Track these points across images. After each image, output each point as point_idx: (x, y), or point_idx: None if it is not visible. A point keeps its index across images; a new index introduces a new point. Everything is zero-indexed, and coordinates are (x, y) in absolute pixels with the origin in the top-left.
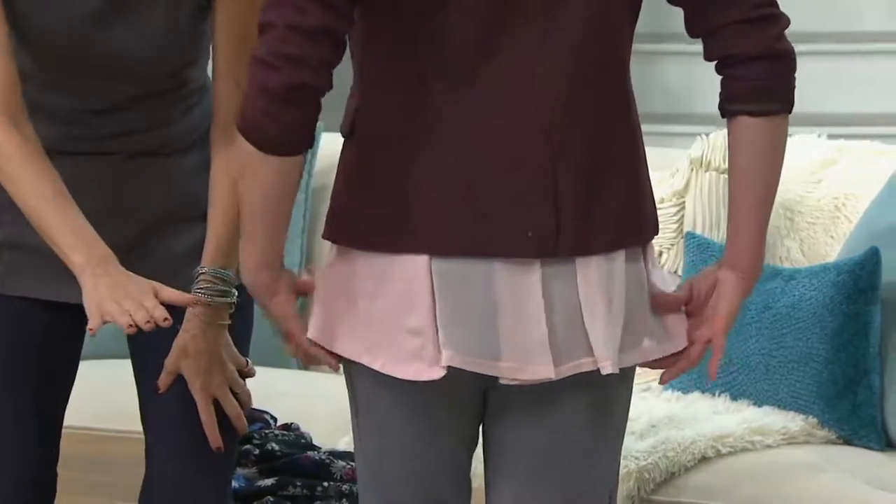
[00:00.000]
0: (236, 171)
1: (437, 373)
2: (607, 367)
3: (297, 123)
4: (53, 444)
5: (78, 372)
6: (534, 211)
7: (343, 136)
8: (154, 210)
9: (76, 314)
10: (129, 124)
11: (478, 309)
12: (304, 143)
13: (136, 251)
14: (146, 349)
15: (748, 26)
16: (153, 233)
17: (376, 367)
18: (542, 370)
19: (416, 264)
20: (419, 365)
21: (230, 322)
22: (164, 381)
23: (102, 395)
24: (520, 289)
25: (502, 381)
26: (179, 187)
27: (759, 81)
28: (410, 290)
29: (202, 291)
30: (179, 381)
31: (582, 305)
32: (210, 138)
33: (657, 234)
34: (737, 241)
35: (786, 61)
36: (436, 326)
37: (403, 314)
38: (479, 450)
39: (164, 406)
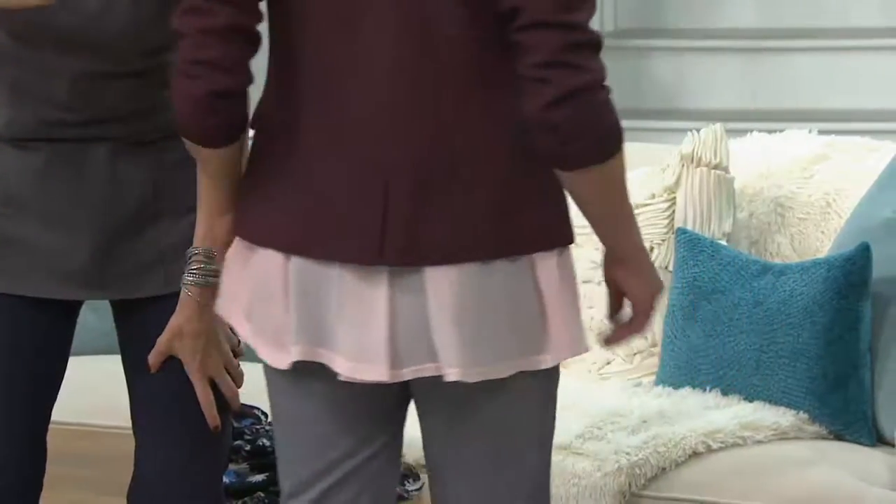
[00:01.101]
0: (238, 153)
1: (285, 361)
2: (451, 375)
3: (225, 123)
4: (42, 442)
5: (71, 368)
6: (365, 221)
7: None
8: (134, 203)
9: (64, 310)
10: (109, 110)
11: (325, 309)
12: (235, 133)
13: (118, 246)
14: (137, 342)
15: (530, 85)
16: (134, 227)
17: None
18: (376, 371)
19: (274, 259)
20: (276, 352)
21: None
22: (154, 359)
23: (91, 391)
24: (363, 293)
25: (340, 378)
26: (162, 180)
27: (544, 149)
28: (269, 281)
29: (196, 272)
30: (170, 371)
31: (430, 313)
32: None
33: (565, 244)
34: (607, 243)
35: (567, 126)
36: (289, 318)
37: (267, 303)
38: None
39: (154, 396)
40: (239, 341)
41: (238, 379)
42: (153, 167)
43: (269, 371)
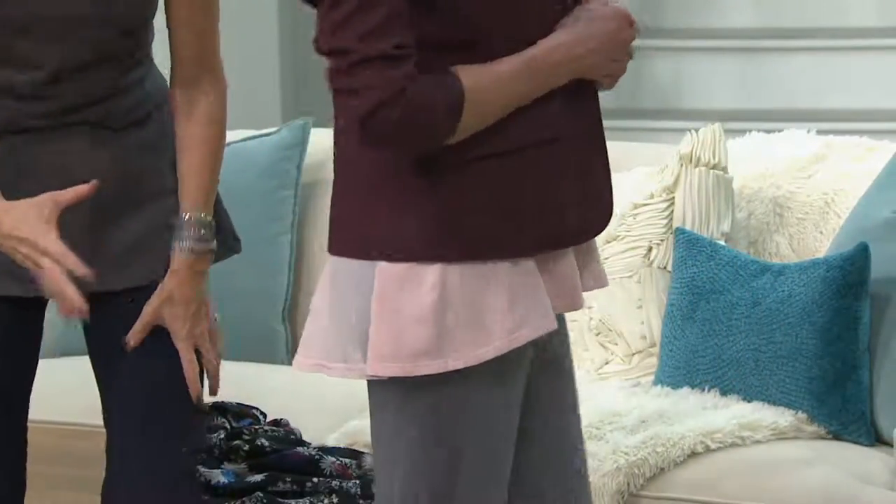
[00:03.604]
0: (220, 112)
1: None
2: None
3: None
4: (21, 443)
5: (50, 368)
6: None
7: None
8: (104, 190)
9: (33, 308)
10: (84, 93)
11: None
12: None
13: (90, 236)
14: (105, 337)
15: None
16: (104, 217)
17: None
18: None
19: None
20: None
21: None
22: (139, 329)
23: (74, 391)
24: None
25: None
26: (129, 166)
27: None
28: None
29: (191, 238)
30: (141, 367)
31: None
32: (171, 93)
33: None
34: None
35: (383, 142)
36: None
37: None
38: None
39: (126, 392)
40: (216, 317)
41: (221, 354)
42: (120, 151)
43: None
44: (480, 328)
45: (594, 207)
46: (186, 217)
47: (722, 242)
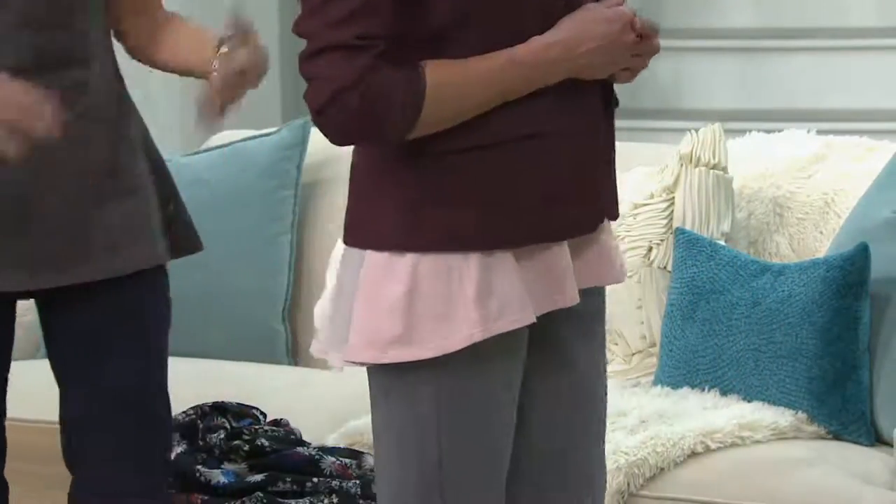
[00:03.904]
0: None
1: None
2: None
3: None
4: (3, 444)
5: (45, 368)
6: None
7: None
8: (85, 181)
9: (3, 307)
10: (50, 48)
11: None
12: None
13: (72, 229)
14: (64, 335)
15: None
16: (86, 209)
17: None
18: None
19: None
20: None
21: None
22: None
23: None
24: None
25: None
26: (106, 156)
27: None
28: None
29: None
30: (102, 367)
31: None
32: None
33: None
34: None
35: (342, 133)
36: None
37: None
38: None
39: (89, 391)
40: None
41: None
42: (97, 141)
43: None
44: (450, 319)
45: (585, 205)
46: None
47: (722, 242)
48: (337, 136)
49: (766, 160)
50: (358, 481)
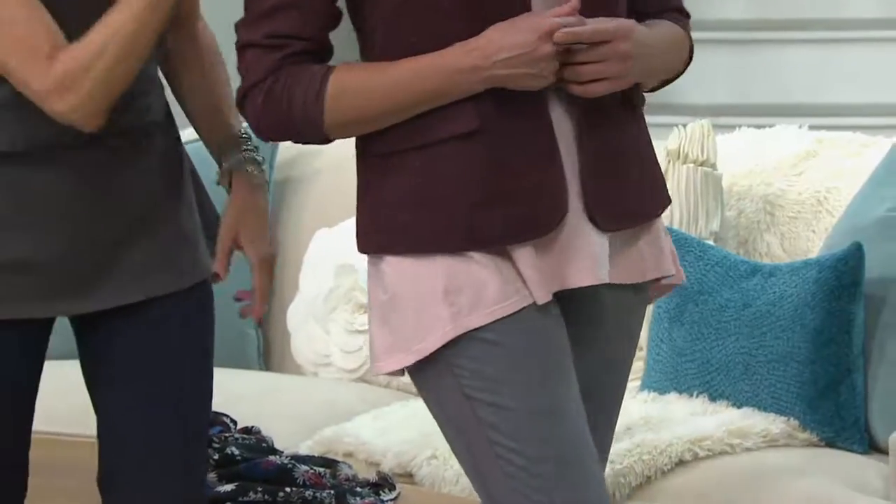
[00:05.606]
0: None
1: None
2: None
3: None
4: (25, 460)
5: (46, 374)
6: None
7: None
8: (131, 209)
9: (35, 329)
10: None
11: None
12: None
13: (104, 255)
14: (102, 356)
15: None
16: (129, 240)
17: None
18: None
19: None
20: None
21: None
22: (222, 262)
23: (70, 398)
24: None
25: None
26: (150, 187)
27: None
28: None
29: (248, 151)
30: (137, 385)
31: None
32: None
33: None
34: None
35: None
36: None
37: None
38: None
39: (122, 409)
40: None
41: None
42: (143, 163)
43: None
44: (424, 320)
45: (537, 205)
46: (242, 133)
47: (711, 242)
48: (255, 132)
49: (757, 156)
50: (332, 491)
